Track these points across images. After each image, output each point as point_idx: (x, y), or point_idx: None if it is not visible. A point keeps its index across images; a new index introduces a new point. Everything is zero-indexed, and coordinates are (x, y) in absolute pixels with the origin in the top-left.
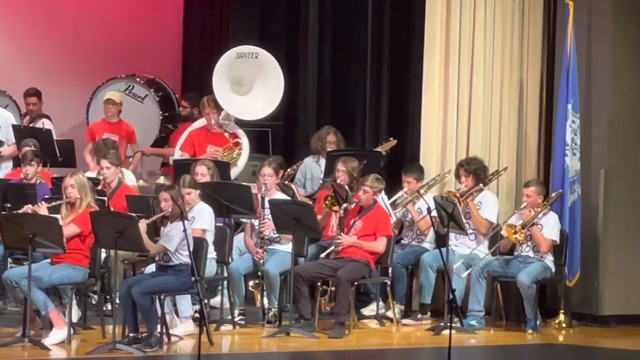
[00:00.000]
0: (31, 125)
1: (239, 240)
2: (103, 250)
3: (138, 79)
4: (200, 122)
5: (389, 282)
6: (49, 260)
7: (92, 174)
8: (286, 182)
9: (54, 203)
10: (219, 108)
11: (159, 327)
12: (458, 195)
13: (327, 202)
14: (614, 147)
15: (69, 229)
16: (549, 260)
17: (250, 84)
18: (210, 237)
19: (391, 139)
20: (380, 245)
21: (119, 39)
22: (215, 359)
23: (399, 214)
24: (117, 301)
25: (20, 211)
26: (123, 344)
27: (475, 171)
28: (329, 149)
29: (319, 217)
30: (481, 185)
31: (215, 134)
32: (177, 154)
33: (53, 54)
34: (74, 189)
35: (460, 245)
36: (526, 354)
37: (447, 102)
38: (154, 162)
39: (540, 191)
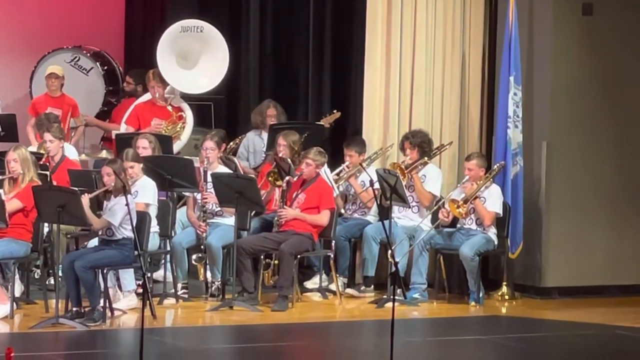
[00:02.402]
0: None
1: (181, 213)
2: (46, 224)
3: (84, 51)
4: (146, 96)
5: (332, 255)
6: None
7: (34, 148)
8: (229, 156)
9: None
10: (163, 82)
11: (102, 301)
12: (403, 167)
13: (270, 178)
14: (556, 119)
15: (12, 204)
16: (492, 232)
17: (195, 58)
18: (153, 211)
19: (335, 111)
20: (323, 218)
21: (60, 12)
22: (158, 333)
23: (341, 187)
24: (60, 275)
25: None
26: (66, 319)
27: (420, 144)
28: (270, 123)
29: (263, 192)
30: (426, 158)
31: (159, 108)
32: (123, 127)
33: None
34: (16, 163)
35: (404, 217)
36: (469, 326)
37: (389, 75)
38: (98, 136)
39: (482, 164)
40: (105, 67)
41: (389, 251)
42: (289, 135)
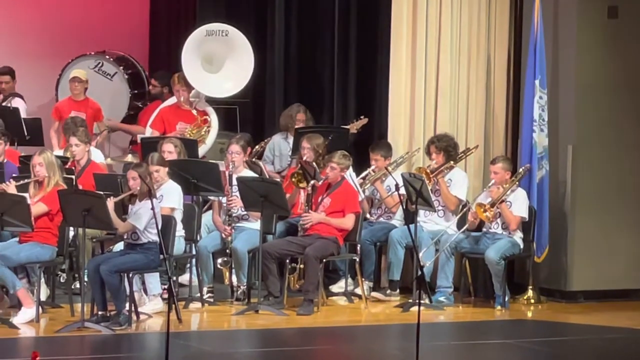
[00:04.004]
0: (3, 104)
1: (207, 218)
2: (71, 228)
3: (107, 56)
4: (172, 100)
5: (357, 259)
6: (17, 238)
7: (58, 152)
8: (254, 160)
9: (22, 182)
10: (188, 85)
11: (127, 305)
12: (428, 171)
13: (294, 178)
14: (582, 123)
15: (37, 208)
16: (518, 236)
17: (220, 62)
18: (178, 215)
19: (362, 117)
20: (348, 222)
21: (86, 16)
22: (184, 337)
23: (367, 191)
24: (86, 279)
25: None
26: (92, 322)
27: (446, 148)
28: (297, 127)
29: (288, 195)
30: (452, 162)
31: (184, 111)
32: (148, 131)
33: (21, 32)
34: (42, 167)
35: (429, 221)
36: (495, 330)
37: (414, 79)
38: (122, 140)
39: (508, 167)
40: (130, 71)
41: (416, 255)
42: (312, 139)
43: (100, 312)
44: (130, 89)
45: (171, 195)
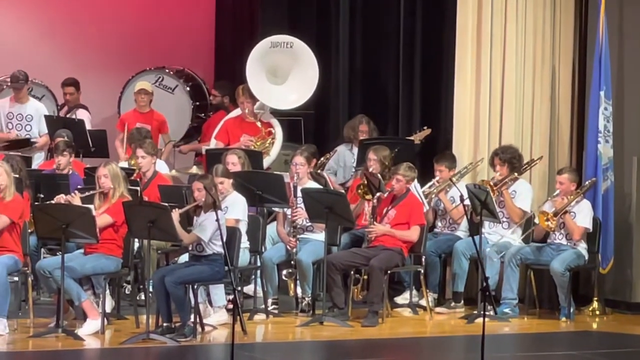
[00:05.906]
0: (68, 115)
1: (272, 229)
2: (136, 240)
3: (167, 70)
4: (237, 112)
5: (422, 271)
6: (82, 250)
7: (124, 164)
8: (319, 171)
9: (87, 193)
10: (253, 97)
11: (192, 316)
12: (492, 184)
13: (359, 190)
14: None
15: (102, 219)
16: (582, 247)
17: (285, 74)
18: (243, 227)
19: (425, 127)
20: (413, 234)
21: (151, 28)
22: (249, 349)
23: (432, 202)
24: (151, 291)
25: (53, 201)
26: (157, 334)
27: (510, 160)
28: (361, 138)
29: (352, 205)
30: (516, 174)
31: (249, 123)
32: (213, 142)
33: (86, 45)
34: (107, 179)
35: (494, 233)
36: (560, 342)
37: (479, 90)
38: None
39: (574, 179)
40: (190, 84)
41: (480, 267)
42: (379, 151)
43: (165, 324)
44: (192, 101)
45: (236, 207)
